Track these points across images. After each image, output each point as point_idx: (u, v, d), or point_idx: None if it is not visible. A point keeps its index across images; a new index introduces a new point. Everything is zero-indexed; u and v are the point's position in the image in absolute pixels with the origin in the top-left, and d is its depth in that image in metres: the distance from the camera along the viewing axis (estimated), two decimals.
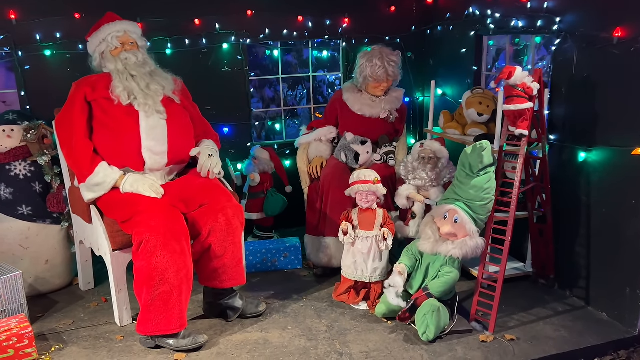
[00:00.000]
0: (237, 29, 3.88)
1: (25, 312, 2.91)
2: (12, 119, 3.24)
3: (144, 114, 2.86)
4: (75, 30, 3.50)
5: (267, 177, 3.91)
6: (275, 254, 3.60)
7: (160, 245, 2.59)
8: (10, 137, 3.19)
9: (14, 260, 3.17)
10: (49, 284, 3.35)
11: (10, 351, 2.59)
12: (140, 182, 2.81)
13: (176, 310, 2.63)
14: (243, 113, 4.06)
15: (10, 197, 3.19)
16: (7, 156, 3.19)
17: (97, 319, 3.05)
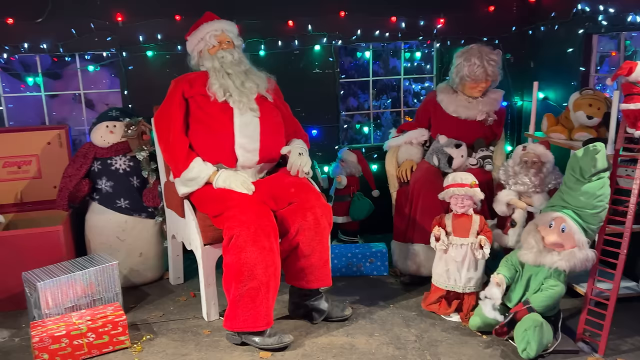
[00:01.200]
0: (329, 31, 3.86)
1: (119, 302, 3.01)
2: (115, 116, 3.40)
3: (238, 111, 2.88)
4: (174, 32, 3.62)
5: (354, 181, 3.84)
6: (361, 258, 3.50)
7: (250, 241, 2.57)
8: (112, 133, 3.34)
9: (111, 251, 3.29)
10: (141, 276, 3.45)
11: (106, 337, 2.67)
12: (232, 178, 2.83)
13: (263, 307, 2.60)
14: (332, 115, 4.02)
15: (111, 190, 3.33)
16: (109, 151, 3.34)
17: (186, 312, 3.09)
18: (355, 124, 5.06)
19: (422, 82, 6.09)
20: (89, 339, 2.63)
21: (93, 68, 3.76)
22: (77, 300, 2.90)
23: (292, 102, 3.27)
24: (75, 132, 3.84)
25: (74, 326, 2.62)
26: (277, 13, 3.77)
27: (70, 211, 3.37)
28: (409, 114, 4.40)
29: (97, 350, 2.66)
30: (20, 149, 3.54)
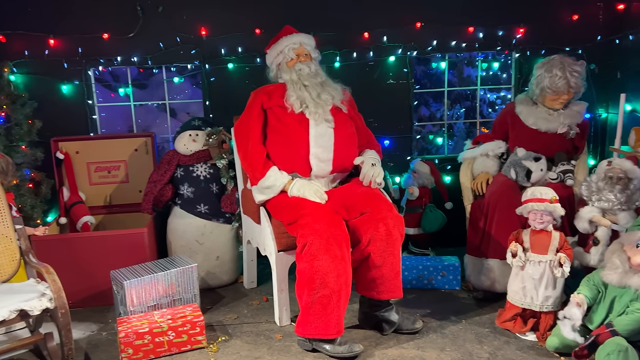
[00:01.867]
0: (405, 42, 3.87)
1: (197, 303, 3.14)
2: (197, 125, 3.57)
3: (313, 122, 2.95)
4: (254, 45, 3.76)
5: (426, 192, 3.81)
6: (433, 271, 3.46)
7: (322, 249, 2.62)
8: (195, 141, 3.51)
9: (190, 254, 3.46)
10: (217, 279, 3.59)
11: (184, 336, 2.80)
12: (306, 187, 2.89)
13: (334, 315, 2.64)
14: (405, 126, 4.02)
15: (192, 196, 3.50)
16: (192, 158, 3.51)
17: (259, 316, 3.19)
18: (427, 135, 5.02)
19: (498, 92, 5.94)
20: (169, 337, 2.77)
21: (178, 79, 3.97)
22: (159, 300, 3.06)
23: (365, 112, 3.31)
24: (160, 140, 4.06)
25: (155, 324, 2.77)
26: (353, 25, 3.83)
27: (154, 214, 3.57)
28: (484, 125, 4.31)
29: (176, 348, 2.79)
30: (110, 155, 3.80)
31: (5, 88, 3.55)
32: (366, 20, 3.82)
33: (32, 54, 3.68)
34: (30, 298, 2.44)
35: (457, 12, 3.84)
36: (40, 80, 3.72)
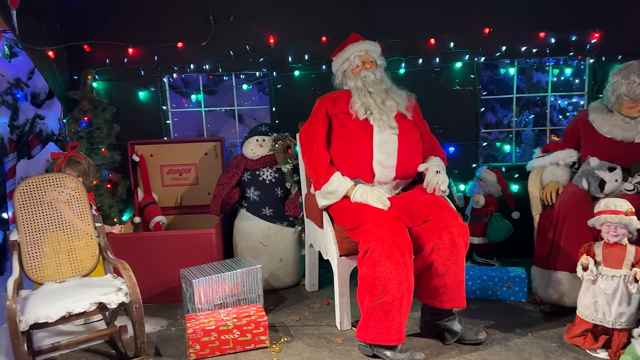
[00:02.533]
0: (472, 47, 3.81)
1: (261, 303, 3.23)
2: (264, 131, 3.67)
3: (377, 129, 2.97)
4: (320, 53, 3.83)
5: (492, 201, 3.73)
6: (498, 282, 3.38)
7: (385, 255, 2.63)
8: (261, 146, 3.62)
9: (255, 255, 3.56)
10: (280, 280, 3.67)
11: (248, 335, 2.89)
12: (369, 193, 2.91)
13: (395, 322, 2.64)
14: (471, 133, 3.96)
15: (258, 199, 3.60)
16: (258, 163, 3.62)
17: (320, 319, 3.23)
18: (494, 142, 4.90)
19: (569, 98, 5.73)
20: (234, 335, 2.86)
21: (246, 86, 4.10)
22: (225, 299, 3.17)
23: (430, 119, 3.29)
24: (228, 144, 4.20)
25: (222, 322, 2.87)
26: (419, 32, 3.82)
27: (221, 216, 3.71)
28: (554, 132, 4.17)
29: (240, 346, 2.88)
30: (182, 158, 3.97)
31: (88, 94, 3.80)
32: (432, 26, 3.80)
33: (113, 62, 3.91)
34: (108, 292, 2.61)
35: (527, 17, 3.74)
36: (119, 86, 3.95)
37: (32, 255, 2.83)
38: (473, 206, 3.75)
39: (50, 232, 2.91)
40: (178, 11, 3.85)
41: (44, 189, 2.93)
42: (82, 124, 3.76)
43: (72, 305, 2.50)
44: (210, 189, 3.85)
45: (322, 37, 3.85)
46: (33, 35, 3.48)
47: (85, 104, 3.78)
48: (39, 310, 2.45)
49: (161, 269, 3.45)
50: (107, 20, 3.86)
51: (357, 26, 3.45)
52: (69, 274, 2.89)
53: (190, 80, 4.75)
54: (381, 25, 3.78)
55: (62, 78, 3.83)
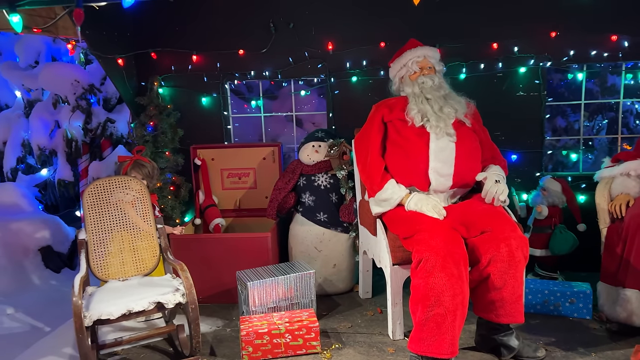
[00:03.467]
0: (538, 52, 3.67)
1: (313, 308, 3.25)
2: (320, 137, 3.70)
3: (434, 136, 2.92)
4: (378, 58, 3.81)
5: (556, 211, 3.57)
6: (560, 297, 3.23)
7: (438, 266, 2.57)
8: (317, 152, 3.64)
9: (308, 260, 3.59)
10: (334, 286, 3.68)
11: (300, 340, 2.91)
12: (424, 202, 2.86)
13: (448, 335, 2.57)
14: (535, 140, 3.80)
15: (312, 205, 3.63)
16: (313, 168, 3.65)
17: (372, 327, 3.21)
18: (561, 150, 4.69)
19: None
20: (286, 339, 2.90)
21: (305, 92, 4.14)
22: (278, 302, 3.22)
23: (492, 125, 3.19)
24: (286, 149, 4.26)
25: (274, 326, 2.91)
26: (481, 36, 3.72)
27: (277, 220, 3.76)
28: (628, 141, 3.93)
29: (292, 350, 2.91)
30: (241, 163, 4.07)
31: (154, 100, 3.97)
32: (495, 30, 3.69)
33: (178, 69, 4.07)
34: (166, 292, 2.71)
35: (598, 19, 3.56)
36: (184, 92, 4.10)
37: (98, 253, 2.98)
38: (535, 217, 3.60)
39: (116, 232, 3.05)
40: (240, 19, 3.95)
41: (111, 191, 3.08)
42: (148, 129, 3.93)
43: (133, 303, 2.62)
44: (267, 192, 3.92)
45: (380, 43, 3.82)
46: (105, 44, 3.68)
47: (152, 109, 3.95)
48: (102, 307, 2.59)
49: (219, 270, 3.54)
50: (173, 29, 4.02)
51: (417, 31, 3.40)
52: (131, 273, 3.03)
53: (252, 85, 4.86)
54: (441, 30, 3.71)
55: (131, 84, 4.02)
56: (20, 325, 3.63)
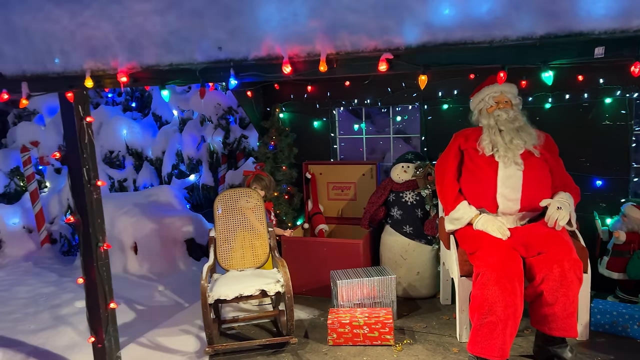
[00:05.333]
0: (624, 83, 3.80)
1: (393, 308, 3.78)
2: (409, 158, 4.21)
3: (502, 165, 3.29)
4: (468, 88, 4.18)
5: (635, 237, 3.68)
6: (628, 319, 3.39)
7: (492, 280, 2.97)
8: (405, 172, 4.16)
9: (394, 267, 4.11)
10: (417, 291, 4.17)
11: (376, 332, 3.47)
12: (490, 223, 3.26)
13: (499, 340, 2.96)
14: (621, 167, 3.92)
15: (400, 218, 4.15)
16: (402, 186, 4.17)
17: (444, 329, 3.66)
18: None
19: None
20: (364, 330, 3.48)
21: (400, 118, 4.66)
22: (363, 300, 3.80)
23: (577, 152, 3.41)
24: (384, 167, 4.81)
25: (355, 319, 3.51)
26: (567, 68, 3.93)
27: (370, 229, 4.34)
28: None
29: (368, 341, 3.48)
30: (345, 177, 4.71)
31: (275, 123, 4.77)
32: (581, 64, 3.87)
33: (295, 97, 4.83)
34: (270, 282, 3.44)
35: None
36: (299, 117, 4.85)
37: (223, 248, 3.82)
38: (614, 241, 3.75)
39: (239, 232, 3.87)
40: None
41: (237, 199, 3.91)
42: (269, 147, 4.74)
43: (244, 289, 3.39)
44: (364, 205, 4.51)
45: (470, 75, 4.21)
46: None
47: (273, 131, 4.75)
48: (222, 290, 3.39)
49: (319, 268, 4.22)
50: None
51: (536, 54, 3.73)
52: (248, 265, 3.82)
53: (357, 110, 5.44)
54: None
55: (258, 110, 4.86)
56: (166, 300, 4.65)
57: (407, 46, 1.91)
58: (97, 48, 2.42)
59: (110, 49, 2.39)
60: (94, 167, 3.08)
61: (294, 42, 2.04)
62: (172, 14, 2.26)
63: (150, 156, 6.73)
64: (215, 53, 2.19)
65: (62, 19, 2.48)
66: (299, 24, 2.02)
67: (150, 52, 2.31)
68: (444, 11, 1.79)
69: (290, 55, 2.07)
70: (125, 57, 2.37)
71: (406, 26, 1.86)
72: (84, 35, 2.44)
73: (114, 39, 2.36)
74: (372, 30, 1.92)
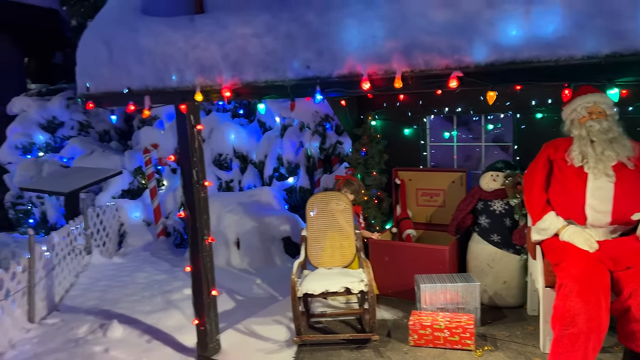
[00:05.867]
0: None
1: (476, 315, 3.83)
2: (499, 167, 4.22)
3: (592, 176, 3.24)
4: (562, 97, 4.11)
5: None
6: None
7: (575, 292, 2.95)
8: (495, 181, 4.18)
9: (480, 275, 4.15)
10: (503, 300, 4.17)
11: (456, 337, 3.56)
12: (577, 235, 3.23)
13: (580, 352, 2.92)
14: None
15: (487, 226, 4.19)
16: (491, 194, 4.19)
17: (528, 339, 3.65)
18: None
19: None
20: (445, 333, 3.58)
21: (492, 126, 4.67)
22: (446, 305, 3.89)
23: None
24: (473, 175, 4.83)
25: (436, 322, 3.62)
26: None
27: (457, 236, 4.41)
28: None
29: (449, 344, 3.58)
30: (434, 184, 4.81)
31: (367, 131, 4.99)
32: None
33: (388, 106, 5.01)
34: (354, 281, 3.66)
35: None
36: (390, 124, 5.02)
37: (314, 246, 4.10)
38: None
39: (329, 232, 4.13)
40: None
41: (327, 201, 4.18)
42: (361, 153, 4.97)
43: (330, 286, 3.64)
44: (452, 212, 4.57)
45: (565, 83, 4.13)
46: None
47: (365, 138, 4.97)
48: (310, 285, 3.67)
49: (405, 271, 4.36)
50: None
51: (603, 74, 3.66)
52: (335, 264, 4.07)
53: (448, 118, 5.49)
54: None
55: (352, 117, 5.11)
56: (263, 292, 5.05)
57: (476, 64, 2.04)
58: (206, 67, 2.79)
59: (217, 68, 2.76)
60: (202, 169, 3.50)
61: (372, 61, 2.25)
62: (269, 37, 2.57)
63: (254, 159, 7.24)
64: (304, 71, 2.46)
65: (178, 42, 2.89)
66: (378, 45, 2.23)
67: (249, 70, 2.64)
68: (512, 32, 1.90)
69: (369, 73, 2.28)
70: (229, 75, 2.72)
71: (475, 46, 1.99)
72: (195, 56, 2.83)
73: (219, 59, 2.72)
74: (443, 50, 2.08)
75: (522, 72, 1.99)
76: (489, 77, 2.08)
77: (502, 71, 2.01)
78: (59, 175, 7.46)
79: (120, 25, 3.17)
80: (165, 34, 2.93)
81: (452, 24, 2.04)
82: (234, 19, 2.69)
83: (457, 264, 4.44)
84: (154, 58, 3.00)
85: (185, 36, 2.84)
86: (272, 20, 2.55)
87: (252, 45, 2.62)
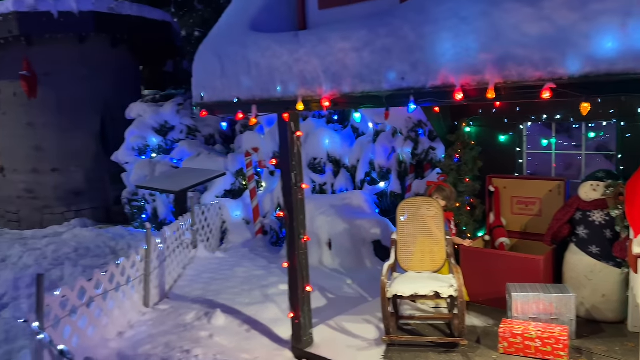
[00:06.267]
0: None
1: (571, 327, 3.75)
2: (600, 177, 4.08)
3: None
4: None
5: None
6: None
7: None
8: (595, 191, 4.05)
9: (577, 286, 4.04)
10: (602, 314, 4.02)
11: (549, 347, 3.52)
12: None
13: None
14: None
15: (585, 237, 4.07)
16: (590, 205, 4.07)
17: (627, 356, 3.52)
18: None
19: None
20: (536, 343, 3.55)
21: (594, 134, 4.51)
22: (538, 315, 3.84)
23: None
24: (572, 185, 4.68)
25: (528, 331, 3.59)
26: None
27: (553, 246, 4.31)
28: None
29: (540, 354, 3.54)
30: (530, 192, 4.73)
31: (461, 137, 5.00)
32: None
33: (484, 112, 4.99)
34: (443, 286, 3.73)
35: None
36: (485, 131, 5.00)
37: (404, 250, 4.21)
38: None
39: (419, 237, 4.22)
40: None
41: (418, 206, 4.27)
42: (454, 160, 5.00)
43: (419, 289, 3.74)
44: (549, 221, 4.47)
45: None
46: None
47: (458, 144, 4.99)
48: (399, 287, 3.79)
49: (497, 280, 4.33)
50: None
51: None
52: (425, 268, 4.15)
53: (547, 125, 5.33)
54: None
55: (445, 124, 5.14)
56: (353, 292, 5.23)
57: (570, 76, 2.07)
58: (308, 79, 3.03)
59: (317, 80, 2.98)
60: (300, 172, 3.75)
61: (465, 72, 2.35)
62: (366, 51, 2.75)
63: (347, 164, 7.46)
64: (399, 82, 2.61)
65: (283, 56, 3.15)
66: (471, 57, 2.32)
67: (347, 82, 2.83)
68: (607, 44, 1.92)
69: (462, 84, 2.37)
70: (329, 86, 2.93)
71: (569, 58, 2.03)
72: (299, 69, 3.07)
73: (320, 71, 2.94)
74: (537, 62, 2.13)
75: (617, 85, 1.99)
76: (583, 89, 2.10)
77: (596, 83, 2.02)
78: (170, 175, 8.15)
79: (231, 41, 3.50)
80: (271, 48, 3.20)
81: (546, 37, 2.09)
82: (334, 35, 2.90)
83: (553, 274, 4.34)
84: (260, 70, 3.28)
85: (290, 50, 3.09)
86: (370, 35, 2.72)
87: (350, 58, 2.80)
